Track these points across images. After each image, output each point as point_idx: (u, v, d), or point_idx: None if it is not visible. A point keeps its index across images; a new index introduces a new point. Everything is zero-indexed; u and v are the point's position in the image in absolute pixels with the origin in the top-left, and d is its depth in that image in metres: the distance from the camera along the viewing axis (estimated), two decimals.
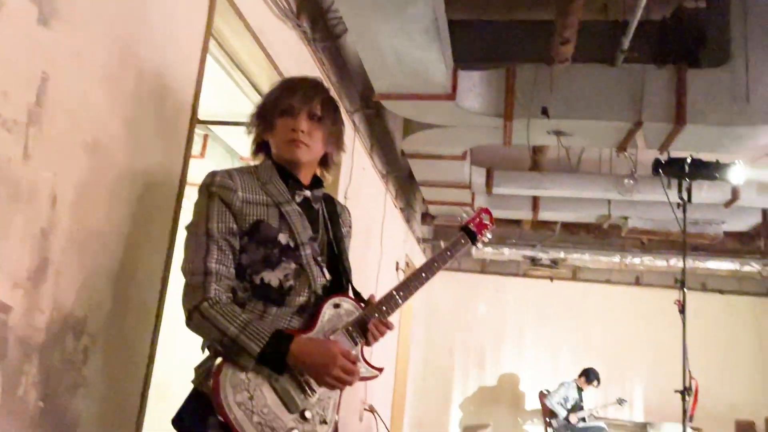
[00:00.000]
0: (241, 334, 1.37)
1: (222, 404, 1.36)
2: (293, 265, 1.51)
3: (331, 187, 3.66)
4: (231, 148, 5.51)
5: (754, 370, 8.05)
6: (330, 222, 1.70)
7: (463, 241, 1.89)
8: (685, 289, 4.54)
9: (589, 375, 7.54)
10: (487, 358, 8.75)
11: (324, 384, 1.42)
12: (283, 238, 1.51)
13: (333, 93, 1.72)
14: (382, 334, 1.60)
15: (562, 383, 7.60)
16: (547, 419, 7.58)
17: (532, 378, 8.46)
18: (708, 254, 7.52)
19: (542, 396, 7.88)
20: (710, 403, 7.28)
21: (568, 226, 7.88)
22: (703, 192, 5.29)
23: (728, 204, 5.70)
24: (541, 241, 8.04)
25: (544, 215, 6.98)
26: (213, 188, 1.51)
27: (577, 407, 7.45)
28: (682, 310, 4.53)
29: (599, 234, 7.64)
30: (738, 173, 4.69)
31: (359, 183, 4.12)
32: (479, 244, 1.97)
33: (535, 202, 6.76)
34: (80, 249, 1.54)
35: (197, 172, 5.73)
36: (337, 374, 1.40)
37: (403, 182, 6.06)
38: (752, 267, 7.44)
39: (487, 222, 1.97)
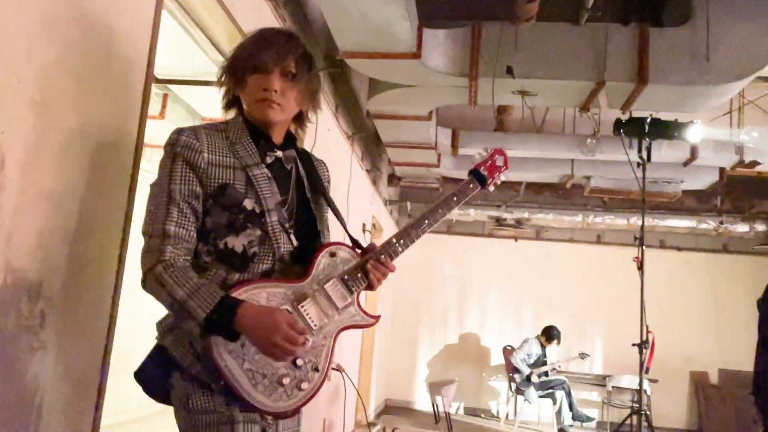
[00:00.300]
0: (189, 300, 1.35)
1: (213, 353, 1.36)
2: (258, 232, 1.47)
3: None
4: (192, 108, 5.38)
5: (708, 323, 8.39)
6: (308, 180, 1.66)
7: (471, 186, 1.83)
8: (643, 247, 4.68)
9: (549, 334, 7.77)
10: (452, 317, 8.91)
11: (268, 354, 1.39)
12: (248, 203, 1.48)
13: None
14: (383, 275, 1.59)
15: (525, 340, 7.82)
16: (511, 374, 7.81)
17: (497, 335, 8.66)
18: (667, 213, 7.72)
19: (506, 352, 8.10)
20: (666, 355, 7.62)
21: (532, 187, 7.98)
22: (663, 151, 5.40)
23: (686, 163, 5.83)
24: (505, 202, 8.14)
25: (509, 175, 7.00)
26: (177, 148, 1.46)
27: (540, 362, 7.69)
28: (640, 267, 4.67)
29: (562, 194, 7.77)
30: (696, 132, 4.79)
31: (324, 144, 4.07)
32: (490, 188, 1.89)
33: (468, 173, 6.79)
34: (32, 210, 1.49)
35: (157, 133, 5.61)
36: (281, 344, 1.35)
37: (369, 143, 6.03)
38: (708, 225, 7.68)
39: (501, 164, 1.89)
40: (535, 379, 7.52)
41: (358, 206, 5.47)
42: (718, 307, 8.40)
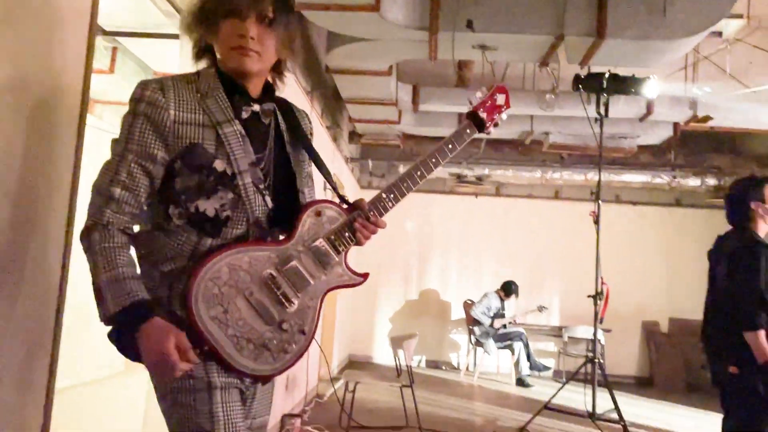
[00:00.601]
0: (105, 288, 1.30)
1: (195, 319, 1.33)
2: (230, 195, 1.39)
3: None
4: (143, 62, 5.18)
5: (660, 274, 8.70)
6: (289, 133, 1.56)
7: (468, 131, 1.71)
8: (600, 202, 4.79)
9: (508, 289, 7.96)
10: (414, 273, 9.02)
11: (148, 368, 1.34)
12: (219, 164, 1.38)
13: None
14: (372, 233, 1.54)
15: (485, 294, 7.99)
16: (471, 327, 8.00)
17: (457, 290, 8.82)
18: (622, 168, 7.89)
19: (467, 306, 8.27)
20: (620, 305, 7.88)
21: (492, 143, 8.03)
22: (620, 107, 5.47)
23: (643, 118, 5.94)
24: (466, 159, 8.17)
25: None
26: (141, 105, 1.37)
27: (499, 315, 7.89)
28: (596, 221, 4.79)
29: (522, 150, 7.83)
30: (653, 87, 4.87)
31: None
32: (489, 130, 1.74)
33: (461, 118, 6.79)
34: None
35: (108, 88, 5.40)
36: (160, 371, 1.32)
37: (329, 100, 5.93)
38: (662, 179, 7.88)
39: (502, 103, 1.73)
40: (496, 327, 7.73)
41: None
42: (670, 259, 8.70)
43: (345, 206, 1.54)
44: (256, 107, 1.48)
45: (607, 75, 4.70)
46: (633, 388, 7.99)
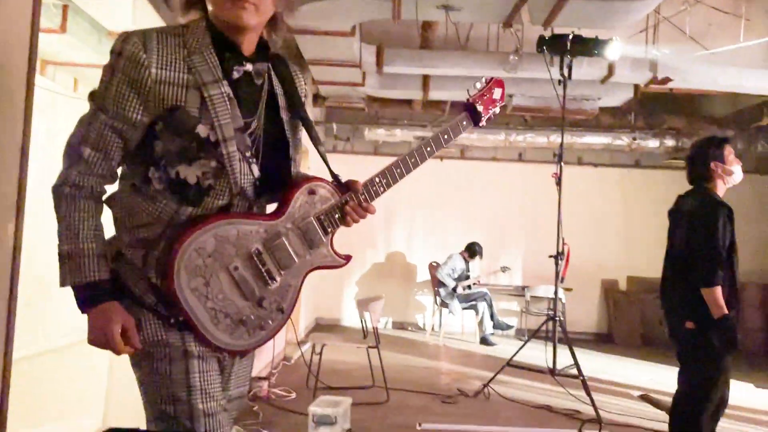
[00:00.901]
0: (64, 258, 1.29)
1: (174, 289, 1.30)
2: (213, 163, 1.31)
3: None
4: (96, 21, 4.98)
5: (619, 234, 8.92)
6: (285, 97, 1.47)
7: (465, 122, 1.69)
8: (562, 164, 4.85)
9: (472, 250, 8.07)
10: (380, 236, 9.05)
11: (90, 341, 1.33)
12: (202, 130, 1.29)
13: None
14: (361, 216, 1.54)
15: (450, 256, 8.09)
16: (436, 289, 8.12)
17: (423, 252, 8.90)
18: (584, 130, 7.98)
19: (432, 268, 8.37)
20: (580, 265, 8.07)
21: (456, 106, 8.01)
22: (582, 69, 5.49)
23: (604, 80, 5.98)
24: (431, 122, 8.16)
25: (434, 94, 7.02)
26: (121, 61, 1.28)
27: (464, 276, 8.02)
28: (558, 183, 4.86)
29: None
30: (615, 49, 4.91)
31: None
32: (482, 124, 1.74)
33: (426, 81, 6.76)
34: None
35: (60, 49, 5.18)
36: (97, 346, 1.32)
37: (292, 61, 5.81)
38: (622, 141, 8.01)
39: (498, 97, 1.73)
40: (461, 288, 7.86)
41: None
42: (629, 219, 8.92)
43: (337, 186, 1.53)
44: (249, 67, 1.38)
45: (570, 36, 4.70)
46: (593, 344, 8.26)
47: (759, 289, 8.16)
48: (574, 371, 4.46)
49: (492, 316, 7.91)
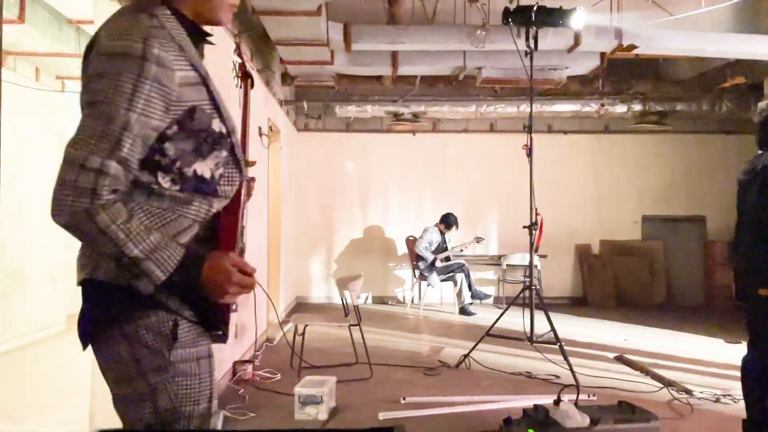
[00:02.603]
0: (147, 260, 1.18)
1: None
2: (224, 153, 1.33)
3: None
4: (56, 10, 4.87)
5: (590, 200, 9.09)
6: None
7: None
8: (531, 134, 4.91)
9: (448, 221, 8.15)
10: (356, 213, 9.09)
11: (217, 298, 1.27)
12: (216, 125, 1.29)
13: None
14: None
15: (425, 229, 8.17)
16: (415, 262, 8.21)
17: (400, 226, 8.97)
18: (553, 98, 8.06)
19: (409, 242, 8.45)
20: (554, 231, 8.24)
21: (426, 80, 8.01)
22: (548, 39, 5.53)
23: (571, 49, 6.03)
24: (402, 96, 8.15)
25: (404, 70, 7.01)
26: (150, 66, 1.17)
27: (441, 249, 8.11)
28: (529, 153, 4.92)
29: (456, 86, 7.86)
30: (579, 19, 4.94)
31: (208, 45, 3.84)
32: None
33: (394, 57, 6.74)
34: None
35: (20, 39, 5.08)
36: (234, 292, 1.26)
37: (258, 42, 5.74)
38: (591, 107, 8.11)
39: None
40: (438, 260, 7.97)
41: (251, 109, 5.29)
42: (599, 183, 9.08)
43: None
44: (204, 52, 1.41)
45: (535, 8, 4.72)
46: (568, 308, 8.46)
47: (727, 247, 8.42)
48: (552, 337, 4.58)
49: (470, 287, 8.03)
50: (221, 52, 4.34)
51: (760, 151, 3.11)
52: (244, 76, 1.74)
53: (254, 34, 5.46)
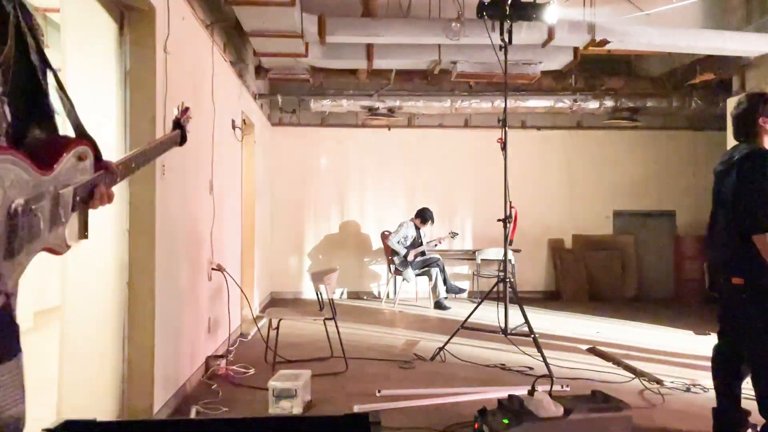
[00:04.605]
0: None
1: None
2: None
3: (147, 39, 3.33)
4: None
5: (563, 195, 9.18)
6: (35, 41, 1.22)
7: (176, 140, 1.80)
8: (506, 128, 4.93)
9: (423, 216, 8.17)
10: (332, 208, 9.05)
11: None
12: None
13: None
14: (104, 203, 1.30)
15: (401, 224, 8.17)
16: (390, 257, 8.20)
17: (376, 221, 8.96)
18: (527, 94, 8.11)
19: (384, 237, 8.44)
20: (528, 226, 8.31)
21: (402, 74, 8.00)
22: (523, 33, 5.55)
23: (545, 44, 6.07)
24: (377, 91, 8.12)
25: (379, 63, 6.98)
26: None
27: (416, 243, 8.12)
28: (503, 147, 4.94)
29: (431, 80, 7.86)
30: (553, 13, 4.97)
31: (180, 35, 3.77)
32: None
33: (370, 50, 6.71)
34: None
35: None
36: None
37: (231, 33, 5.66)
38: (564, 103, 8.18)
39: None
40: (413, 255, 7.97)
41: (225, 102, 5.22)
42: (572, 179, 9.18)
43: (97, 160, 1.30)
44: None
45: (509, 1, 4.74)
46: (542, 302, 8.54)
47: (696, 241, 8.57)
48: (526, 330, 4.61)
49: (445, 281, 8.06)
50: (191, 40, 4.26)
51: (736, 143, 3.17)
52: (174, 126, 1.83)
53: (227, 25, 5.38)
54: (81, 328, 2.91)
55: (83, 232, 1.28)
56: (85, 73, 2.91)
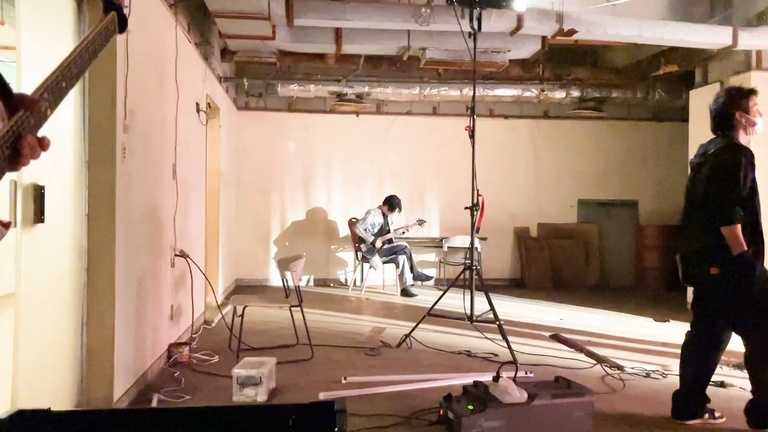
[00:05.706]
0: None
1: None
2: None
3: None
4: None
5: (530, 183, 9.26)
6: None
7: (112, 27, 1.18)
8: (474, 117, 4.93)
9: (391, 203, 8.15)
10: (299, 194, 8.96)
11: None
12: None
13: None
14: (35, 158, 0.95)
15: (368, 211, 8.14)
16: (357, 244, 8.18)
17: (343, 208, 8.91)
18: (495, 83, 8.13)
19: (351, 224, 8.40)
20: (494, 214, 8.37)
21: (371, 60, 7.93)
22: (492, 21, 5.55)
23: (513, 32, 6.07)
24: (345, 76, 8.04)
25: (348, 48, 6.91)
26: None
27: (384, 231, 8.11)
28: (471, 135, 4.95)
29: (400, 67, 7.82)
30: (522, 1, 4.97)
31: (141, 14, 3.65)
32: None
33: (338, 34, 6.63)
34: None
35: None
36: None
37: (196, 13, 5.52)
38: (531, 92, 8.23)
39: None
40: (380, 242, 7.97)
41: (188, 84, 5.10)
42: (539, 168, 9.26)
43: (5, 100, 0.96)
44: None
45: None
46: (507, 289, 8.63)
47: (657, 230, 8.76)
48: (491, 317, 4.65)
49: (412, 268, 8.07)
50: (153, 18, 4.14)
51: (713, 136, 3.22)
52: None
53: (192, 4, 5.24)
54: (37, 315, 2.82)
55: (38, 216, 1.18)
56: (42, 51, 2.79)
